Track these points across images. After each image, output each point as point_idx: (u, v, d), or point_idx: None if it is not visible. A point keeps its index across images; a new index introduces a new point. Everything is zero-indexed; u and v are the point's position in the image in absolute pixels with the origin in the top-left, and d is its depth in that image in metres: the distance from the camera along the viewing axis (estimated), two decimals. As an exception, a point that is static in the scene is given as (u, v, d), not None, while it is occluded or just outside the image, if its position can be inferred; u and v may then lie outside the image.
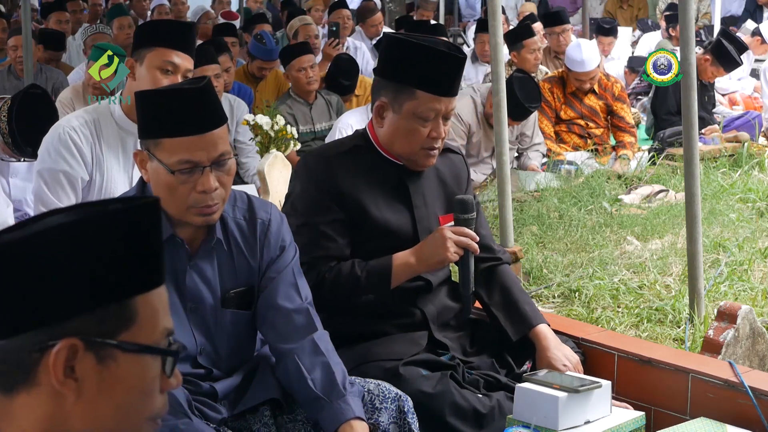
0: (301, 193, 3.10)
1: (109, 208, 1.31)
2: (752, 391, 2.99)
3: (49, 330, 1.28)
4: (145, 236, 1.34)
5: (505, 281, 3.27)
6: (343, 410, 2.64)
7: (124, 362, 1.31)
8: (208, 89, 2.58)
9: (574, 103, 7.67)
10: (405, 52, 3.06)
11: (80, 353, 1.29)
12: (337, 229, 3.06)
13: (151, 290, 1.35)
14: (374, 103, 3.12)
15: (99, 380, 1.30)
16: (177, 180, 2.54)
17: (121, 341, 1.31)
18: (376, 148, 3.14)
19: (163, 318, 1.36)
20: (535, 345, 3.16)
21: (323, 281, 3.02)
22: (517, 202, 5.65)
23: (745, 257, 4.75)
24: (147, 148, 2.59)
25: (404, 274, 3.07)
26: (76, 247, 1.28)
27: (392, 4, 14.70)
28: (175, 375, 1.38)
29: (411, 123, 3.04)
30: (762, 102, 9.26)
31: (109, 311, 1.30)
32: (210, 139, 2.54)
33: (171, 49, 3.52)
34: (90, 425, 1.31)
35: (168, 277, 2.62)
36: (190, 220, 2.60)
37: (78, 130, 3.56)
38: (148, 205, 1.35)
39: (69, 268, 1.28)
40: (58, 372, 1.28)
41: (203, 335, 2.70)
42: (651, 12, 14.77)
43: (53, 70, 8.19)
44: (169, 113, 2.54)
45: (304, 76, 7.12)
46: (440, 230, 3.04)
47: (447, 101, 3.05)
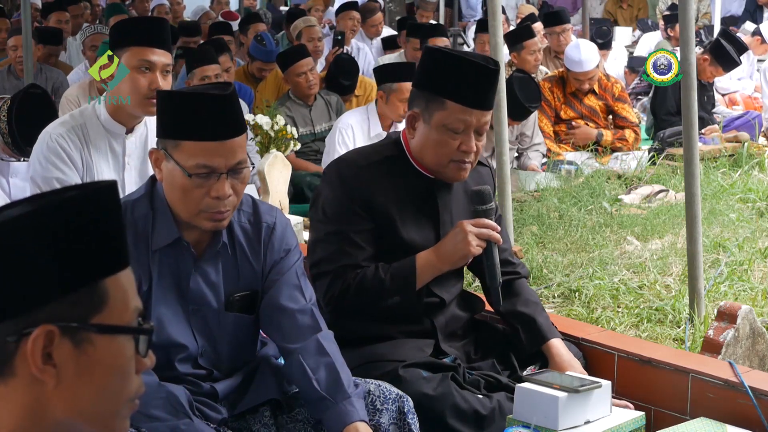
0: (332, 200, 3.07)
1: (66, 195, 1.33)
2: (752, 391, 2.99)
3: (22, 319, 1.29)
4: (105, 220, 1.36)
5: (522, 294, 3.26)
6: (349, 412, 2.64)
7: (100, 345, 1.33)
8: (233, 97, 2.60)
9: (573, 103, 7.68)
10: (438, 63, 3.04)
11: (57, 339, 1.30)
12: (366, 238, 3.04)
13: (119, 272, 1.36)
14: (408, 114, 3.10)
15: (77, 364, 1.32)
16: (192, 183, 2.55)
17: (94, 324, 1.33)
18: (408, 159, 3.11)
19: (133, 298, 1.38)
20: (547, 358, 3.16)
21: (348, 288, 3.01)
22: (517, 202, 5.65)
23: (745, 257, 4.75)
24: (165, 148, 2.59)
25: (428, 273, 3.05)
26: (37, 235, 1.30)
27: (392, 4, 14.69)
28: (149, 355, 1.39)
29: (440, 134, 3.00)
30: (762, 102, 9.26)
31: (80, 296, 1.32)
32: (230, 147, 2.55)
33: (145, 47, 3.50)
34: (71, 410, 1.33)
35: (172, 279, 2.66)
36: (199, 224, 2.60)
37: (66, 137, 3.54)
38: (104, 188, 1.37)
39: (34, 256, 1.30)
40: (36, 359, 1.29)
41: (204, 337, 2.71)
42: (651, 12, 14.77)
43: (53, 70, 8.19)
44: (192, 117, 2.55)
45: (304, 81, 7.09)
46: (460, 225, 3.02)
47: (479, 114, 3.00)
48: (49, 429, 1.33)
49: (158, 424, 2.50)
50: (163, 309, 2.64)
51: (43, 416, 1.32)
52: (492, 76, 3.02)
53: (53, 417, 1.32)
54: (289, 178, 5.25)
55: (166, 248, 2.63)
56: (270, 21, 12.39)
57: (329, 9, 13.39)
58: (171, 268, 2.65)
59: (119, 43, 3.56)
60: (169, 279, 2.65)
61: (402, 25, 10.78)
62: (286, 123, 5.24)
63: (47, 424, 1.32)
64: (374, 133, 6.11)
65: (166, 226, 2.62)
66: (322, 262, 3.06)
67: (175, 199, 2.60)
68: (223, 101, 2.57)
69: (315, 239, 3.11)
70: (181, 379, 2.66)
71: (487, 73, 3.01)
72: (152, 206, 2.64)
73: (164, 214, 2.63)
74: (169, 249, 2.64)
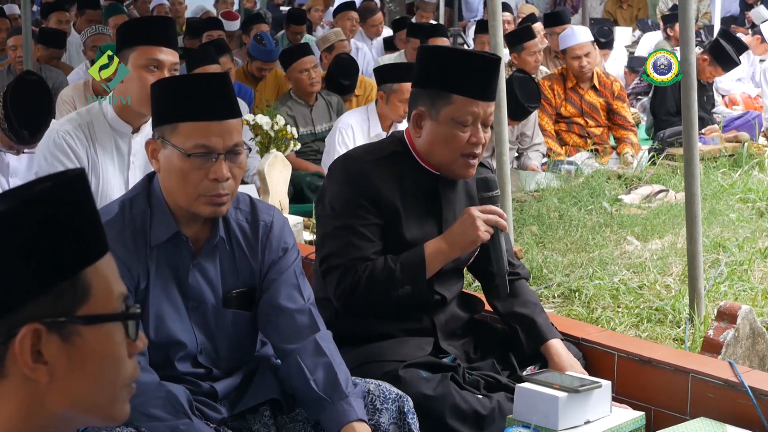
0: (339, 195, 3.08)
1: (36, 189, 1.31)
2: (752, 391, 2.99)
3: (6, 321, 1.28)
4: (78, 209, 1.34)
5: (522, 295, 3.27)
6: (346, 412, 2.64)
7: (88, 336, 1.32)
8: (226, 79, 2.65)
9: (574, 98, 7.67)
10: (439, 59, 3.07)
11: (44, 336, 1.29)
12: (374, 232, 3.05)
13: (98, 260, 1.35)
14: (411, 114, 3.11)
15: (68, 358, 1.31)
16: (191, 165, 2.55)
17: (80, 316, 1.31)
18: (413, 156, 3.12)
19: (116, 284, 1.36)
20: (546, 359, 3.16)
21: (359, 281, 3.01)
22: (517, 202, 5.65)
23: (745, 257, 4.75)
24: (162, 135, 2.60)
25: (438, 261, 3.05)
26: (10, 235, 1.28)
27: (392, 4, 14.70)
28: (140, 337, 1.38)
29: (450, 129, 3.03)
30: (762, 102, 9.26)
31: (62, 289, 1.30)
32: (226, 127, 2.57)
33: (153, 46, 3.51)
34: (68, 404, 1.32)
35: (170, 275, 2.66)
36: (198, 210, 2.60)
37: (72, 134, 3.55)
38: (74, 177, 1.35)
39: (9, 256, 1.28)
40: (26, 359, 1.28)
41: (204, 334, 2.71)
42: (651, 12, 14.78)
43: (53, 69, 8.19)
44: (187, 98, 2.59)
45: (306, 78, 7.11)
46: (468, 211, 3.02)
47: (485, 105, 3.04)
48: (48, 424, 1.32)
49: (158, 423, 2.49)
50: (163, 305, 2.64)
51: (40, 413, 1.31)
52: (494, 66, 3.06)
53: (51, 412, 1.32)
54: (289, 178, 5.25)
55: (164, 244, 2.63)
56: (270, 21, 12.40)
57: (329, 9, 13.39)
58: (169, 264, 2.65)
59: (127, 42, 3.56)
60: (167, 275, 2.65)
61: (398, 26, 10.78)
62: (286, 123, 5.24)
63: (46, 419, 1.32)
64: (374, 133, 6.11)
65: (164, 222, 2.62)
66: (332, 256, 3.06)
67: (174, 185, 2.60)
68: (218, 80, 2.63)
69: (323, 234, 3.12)
70: (180, 379, 2.66)
71: (490, 64, 3.05)
72: (149, 203, 2.64)
73: (162, 210, 2.63)
74: (168, 245, 2.64)
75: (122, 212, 2.62)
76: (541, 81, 7.67)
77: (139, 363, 1.45)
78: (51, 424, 1.33)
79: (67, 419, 1.34)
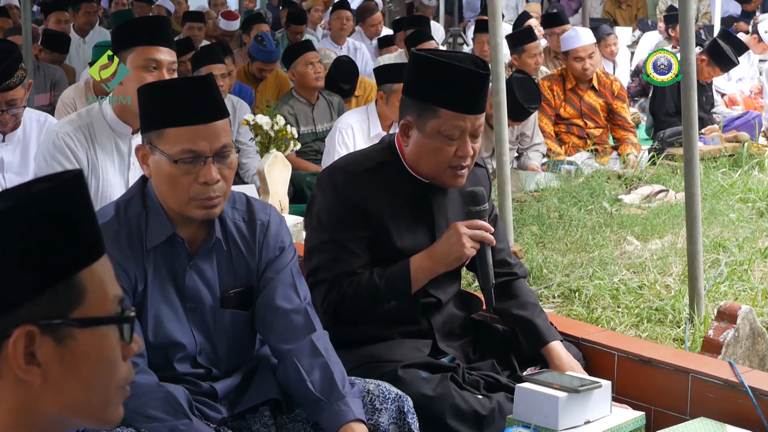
0: (326, 208, 3.05)
1: (34, 189, 1.31)
2: (752, 391, 2.99)
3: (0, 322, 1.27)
4: (75, 211, 1.33)
5: (520, 296, 3.26)
6: (343, 412, 2.64)
7: (82, 338, 1.31)
8: (211, 81, 2.62)
9: (573, 99, 7.67)
10: (426, 70, 3.00)
11: (38, 338, 1.28)
12: (361, 246, 3.03)
13: (94, 262, 1.34)
14: (400, 122, 3.08)
15: (61, 361, 1.30)
16: (179, 170, 2.55)
17: (74, 318, 1.31)
18: (402, 164, 3.09)
19: (111, 286, 1.36)
20: (547, 361, 3.16)
21: (344, 296, 3.00)
22: (517, 202, 5.65)
23: (745, 257, 4.75)
24: (150, 141, 2.60)
25: (423, 276, 3.03)
26: (6, 235, 1.27)
27: (392, 4, 14.70)
28: (134, 340, 1.38)
29: (436, 142, 2.98)
30: (762, 102, 9.26)
31: (57, 291, 1.30)
32: (213, 130, 2.56)
33: (150, 46, 3.51)
34: (61, 406, 1.32)
35: (168, 277, 2.65)
36: (191, 214, 2.60)
37: (72, 135, 3.56)
38: (72, 179, 1.34)
39: (5, 257, 1.27)
40: (19, 361, 1.28)
41: (202, 335, 2.70)
42: (651, 12, 14.77)
43: (50, 66, 8.18)
44: (172, 103, 2.57)
45: (312, 71, 7.10)
46: (454, 226, 3.00)
47: (472, 119, 2.98)
48: (41, 426, 1.32)
49: (157, 424, 2.49)
50: (161, 307, 2.64)
51: (33, 415, 1.31)
52: (482, 80, 2.99)
53: (44, 414, 1.31)
54: (289, 178, 5.25)
55: (160, 246, 2.63)
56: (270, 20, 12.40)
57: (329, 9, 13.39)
58: (166, 266, 2.65)
59: (124, 44, 3.56)
60: (164, 277, 2.65)
61: (397, 26, 10.80)
62: (286, 123, 5.24)
63: (39, 421, 1.31)
64: (374, 133, 6.11)
65: (160, 224, 2.62)
66: (318, 270, 3.05)
67: (165, 190, 2.59)
68: (201, 84, 2.60)
69: (310, 247, 3.11)
70: (180, 379, 2.65)
71: (477, 78, 2.97)
72: (144, 205, 2.64)
73: (157, 212, 2.63)
74: (164, 246, 2.64)
75: (118, 215, 2.62)
76: (541, 81, 7.66)
77: (137, 364, 1.44)
78: (44, 426, 1.32)
79: (61, 421, 1.33)
